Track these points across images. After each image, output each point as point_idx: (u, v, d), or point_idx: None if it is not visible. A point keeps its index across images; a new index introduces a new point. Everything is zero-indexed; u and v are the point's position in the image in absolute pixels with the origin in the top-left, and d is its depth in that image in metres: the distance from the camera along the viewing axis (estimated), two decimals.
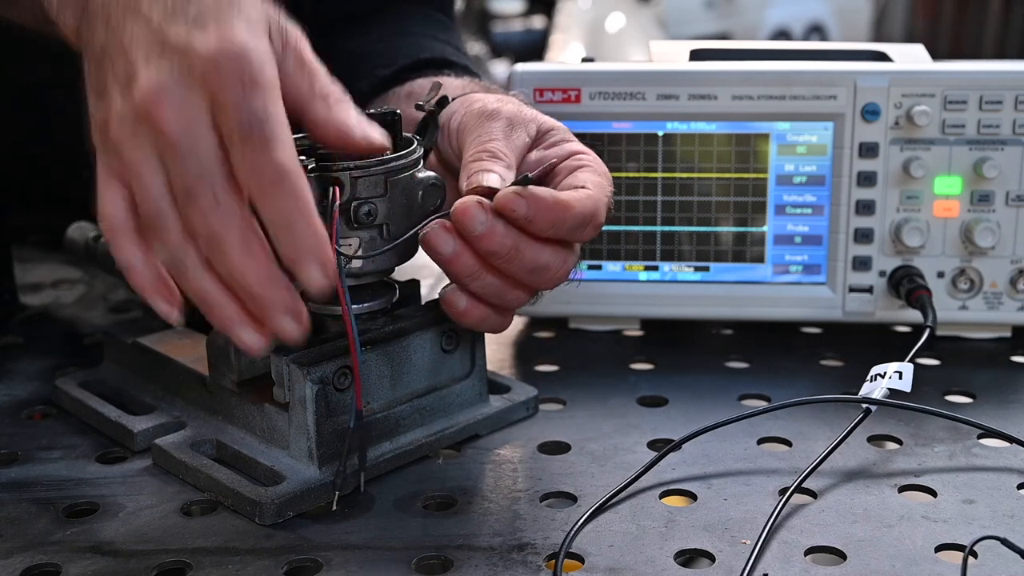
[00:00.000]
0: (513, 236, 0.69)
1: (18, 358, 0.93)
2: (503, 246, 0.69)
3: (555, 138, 0.78)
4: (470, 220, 0.68)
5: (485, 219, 0.68)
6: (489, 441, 0.79)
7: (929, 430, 0.79)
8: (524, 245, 0.70)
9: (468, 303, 0.73)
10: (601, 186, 0.74)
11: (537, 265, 0.71)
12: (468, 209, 0.68)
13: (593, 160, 0.76)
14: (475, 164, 0.72)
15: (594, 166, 0.76)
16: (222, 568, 0.64)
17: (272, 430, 0.74)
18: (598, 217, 0.72)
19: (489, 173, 0.71)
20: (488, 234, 0.69)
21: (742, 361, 0.92)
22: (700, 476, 0.74)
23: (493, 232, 0.69)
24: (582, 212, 0.70)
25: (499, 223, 0.69)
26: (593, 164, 0.76)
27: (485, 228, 0.68)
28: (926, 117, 0.89)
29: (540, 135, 0.78)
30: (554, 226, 0.70)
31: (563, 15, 3.90)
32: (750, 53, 0.97)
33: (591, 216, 0.71)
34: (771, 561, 0.64)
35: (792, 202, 0.93)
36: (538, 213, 0.69)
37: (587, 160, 0.76)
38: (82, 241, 0.97)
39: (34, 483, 0.74)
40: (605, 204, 0.73)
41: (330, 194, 0.69)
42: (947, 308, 0.92)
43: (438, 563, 0.65)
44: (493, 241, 0.69)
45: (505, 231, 0.69)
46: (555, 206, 0.69)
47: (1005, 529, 0.67)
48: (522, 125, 0.76)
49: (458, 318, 0.74)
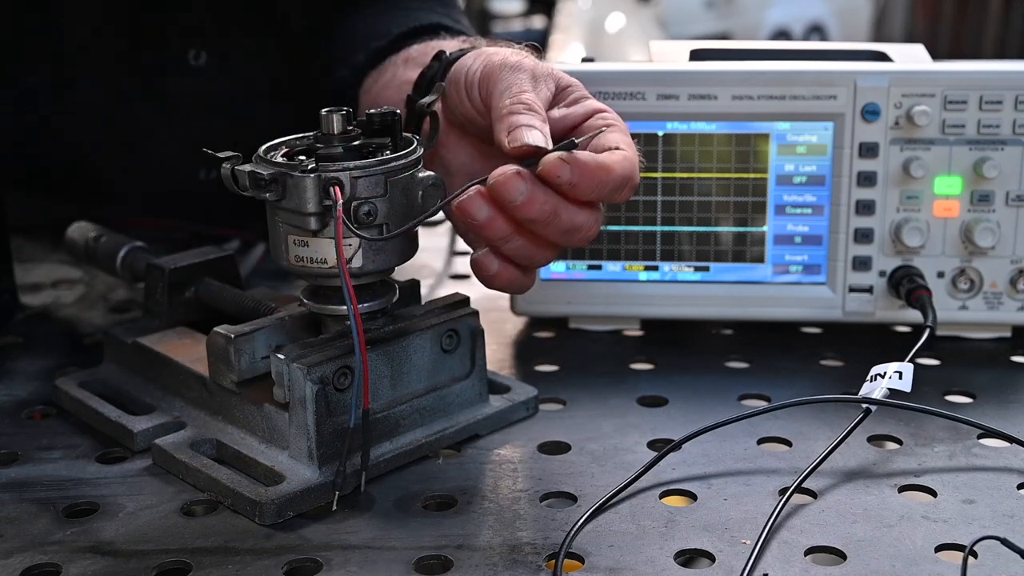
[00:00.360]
0: (552, 202, 0.70)
1: (18, 358, 0.93)
2: (542, 212, 0.70)
3: (575, 95, 0.78)
4: (510, 191, 0.69)
5: (525, 188, 0.69)
6: (489, 441, 0.79)
7: (929, 430, 0.79)
8: (561, 209, 0.70)
9: (499, 266, 0.73)
10: (632, 146, 0.74)
11: (572, 226, 0.71)
12: (508, 180, 0.69)
13: (616, 119, 0.77)
14: (514, 117, 0.72)
15: (619, 125, 0.76)
16: (222, 568, 0.64)
17: (272, 430, 0.74)
18: (634, 178, 0.72)
19: (531, 130, 0.70)
20: (528, 203, 0.69)
21: (742, 361, 0.92)
22: (700, 476, 0.74)
23: (533, 200, 0.69)
24: (622, 174, 0.71)
25: (539, 190, 0.69)
26: (617, 123, 0.76)
27: (525, 197, 0.69)
28: (926, 117, 0.89)
29: (560, 90, 0.78)
30: (596, 189, 0.70)
31: (563, 15, 3.90)
32: (750, 53, 0.97)
33: (629, 177, 0.72)
34: (771, 561, 0.64)
35: (792, 202, 0.93)
36: (582, 178, 0.69)
37: (611, 119, 0.76)
38: (82, 241, 0.97)
39: (34, 483, 0.74)
40: (638, 164, 0.74)
41: (331, 194, 0.69)
42: (947, 308, 0.92)
43: (438, 563, 0.65)
44: (532, 208, 0.69)
45: (544, 197, 0.69)
46: (598, 170, 0.70)
47: (1005, 529, 0.67)
48: (544, 79, 0.76)
49: (488, 281, 0.74)
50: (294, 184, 0.70)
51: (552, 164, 0.69)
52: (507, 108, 0.72)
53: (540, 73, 0.76)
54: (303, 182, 0.69)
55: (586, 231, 0.72)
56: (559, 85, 0.78)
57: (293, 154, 0.73)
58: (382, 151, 0.73)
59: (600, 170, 0.70)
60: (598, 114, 0.76)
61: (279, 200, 0.71)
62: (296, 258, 0.73)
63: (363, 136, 0.74)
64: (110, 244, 0.95)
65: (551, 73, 0.78)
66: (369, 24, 1.07)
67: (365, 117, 0.74)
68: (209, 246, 0.92)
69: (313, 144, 0.74)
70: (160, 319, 0.86)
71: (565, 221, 0.71)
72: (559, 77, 0.78)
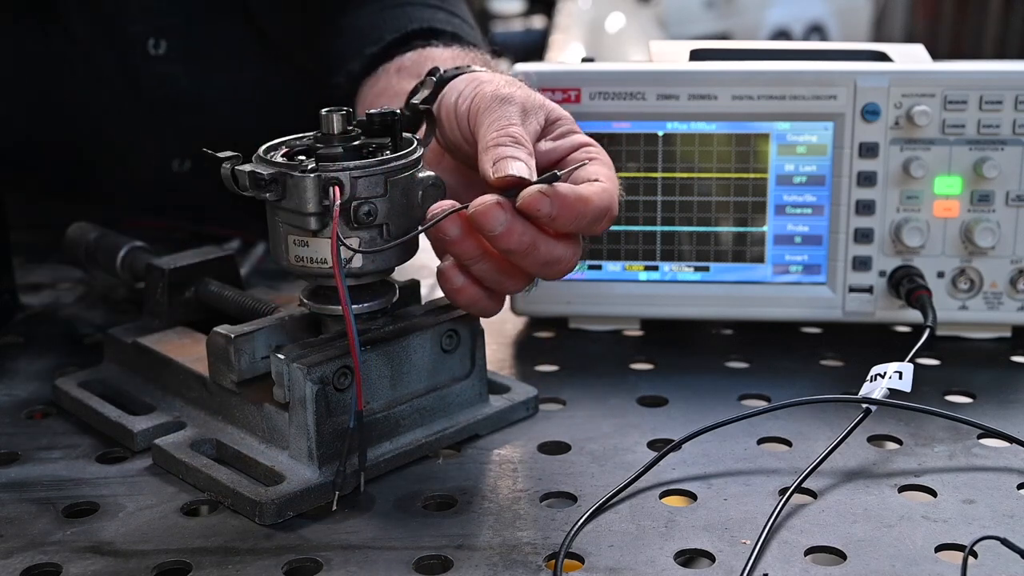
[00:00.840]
0: (531, 234, 0.69)
1: (18, 358, 0.93)
2: (520, 244, 0.69)
3: (563, 128, 0.78)
4: (490, 221, 0.68)
5: (504, 219, 0.68)
6: (489, 441, 0.79)
7: (929, 430, 0.79)
8: (540, 242, 0.70)
9: (464, 282, 0.73)
10: (612, 179, 0.74)
11: (551, 259, 0.71)
12: (488, 211, 0.68)
13: (600, 152, 0.77)
14: (499, 149, 0.71)
15: (602, 158, 0.76)
16: (222, 568, 0.64)
17: (272, 430, 0.74)
18: (613, 210, 0.72)
19: (516, 161, 0.70)
20: (506, 233, 0.69)
21: (742, 361, 0.92)
22: (700, 476, 0.74)
23: (512, 231, 0.69)
24: (600, 206, 0.71)
25: (518, 221, 0.69)
26: (601, 156, 0.76)
27: (504, 228, 0.68)
28: (926, 117, 0.89)
29: (549, 123, 0.78)
30: (575, 221, 0.70)
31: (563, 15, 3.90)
32: (750, 53, 0.97)
33: (607, 209, 0.72)
34: (771, 561, 0.64)
35: (792, 202, 0.93)
36: (562, 211, 0.69)
37: (595, 152, 0.76)
38: (82, 241, 0.97)
39: (34, 483, 0.74)
40: (617, 196, 0.74)
41: (330, 194, 0.69)
42: (947, 308, 0.92)
43: (438, 563, 0.65)
44: (511, 240, 0.69)
45: (523, 229, 0.69)
46: (577, 202, 0.69)
47: (1005, 529, 0.67)
48: (534, 111, 0.76)
49: (451, 295, 0.74)
50: (294, 184, 0.70)
51: (532, 196, 0.68)
52: (494, 140, 0.72)
53: (530, 106, 0.76)
54: (303, 182, 0.69)
55: (564, 264, 0.72)
56: (548, 118, 0.77)
57: (293, 154, 0.73)
58: (382, 151, 0.73)
59: (579, 202, 0.70)
60: (584, 147, 0.77)
61: (279, 200, 0.71)
62: (296, 258, 0.73)
63: (363, 136, 0.74)
64: (110, 244, 0.95)
65: (542, 105, 0.77)
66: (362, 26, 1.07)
67: (365, 117, 0.74)
68: (209, 246, 0.92)
69: (313, 144, 0.74)
70: (160, 319, 0.86)
71: (543, 253, 0.70)
72: (549, 110, 0.78)
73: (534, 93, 0.79)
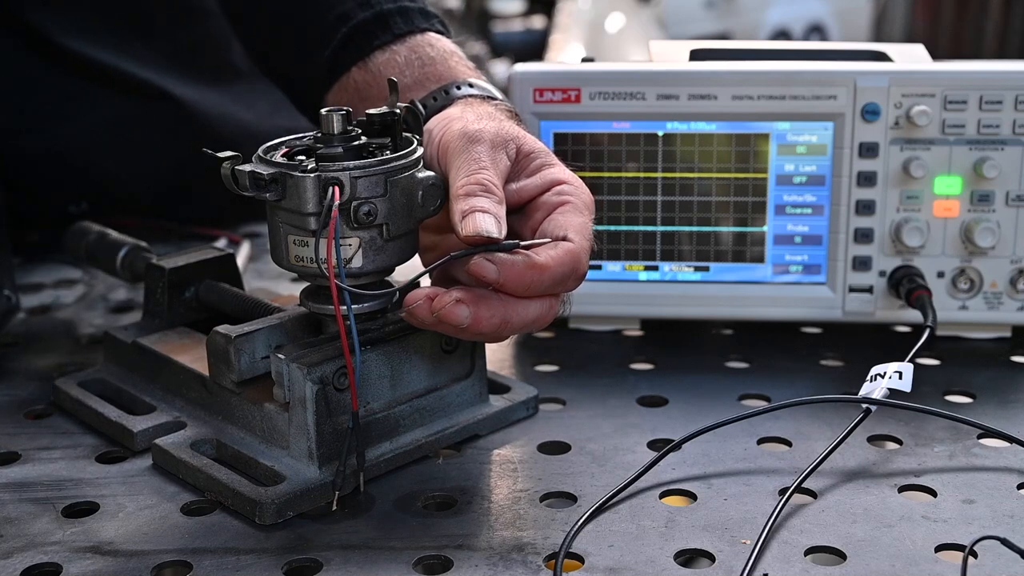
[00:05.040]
0: (500, 313, 0.69)
1: (18, 358, 0.93)
2: (491, 326, 0.69)
3: (536, 162, 0.75)
4: (455, 318, 0.68)
5: (468, 313, 0.68)
6: (489, 441, 0.79)
7: (929, 430, 0.79)
8: (511, 314, 0.69)
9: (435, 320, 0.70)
10: (583, 229, 0.72)
11: (525, 324, 0.70)
12: (450, 312, 0.68)
13: (575, 191, 0.74)
14: (467, 201, 0.69)
15: (575, 200, 0.73)
16: (222, 568, 0.64)
17: (272, 430, 0.74)
18: (579, 269, 0.70)
19: (484, 215, 0.68)
20: (474, 323, 0.68)
21: (742, 361, 0.92)
22: (700, 476, 0.74)
23: (479, 320, 0.68)
24: (559, 272, 0.69)
25: (483, 307, 0.68)
26: (575, 197, 0.74)
27: (470, 320, 0.68)
28: (926, 117, 0.89)
29: (522, 156, 0.75)
30: (529, 289, 0.69)
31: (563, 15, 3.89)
32: (750, 53, 0.97)
33: (570, 273, 0.70)
34: (771, 561, 0.64)
35: (792, 202, 0.93)
36: (510, 280, 0.68)
37: (569, 192, 0.74)
38: (82, 241, 0.97)
39: (34, 483, 0.74)
40: (588, 250, 0.72)
41: (330, 194, 0.69)
42: (947, 308, 0.92)
43: (438, 563, 0.65)
44: (480, 326, 0.68)
45: (490, 312, 0.68)
46: (527, 271, 0.68)
47: (1005, 529, 0.67)
48: (503, 146, 0.74)
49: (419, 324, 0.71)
50: (294, 184, 0.70)
51: (476, 265, 0.68)
52: (463, 188, 0.70)
53: (499, 141, 0.73)
54: (303, 182, 0.69)
55: (541, 321, 0.71)
56: (521, 151, 0.75)
57: (293, 154, 0.73)
58: (382, 151, 0.73)
59: (530, 271, 0.68)
60: (556, 187, 0.74)
61: (279, 200, 0.71)
62: (296, 258, 0.73)
63: (363, 136, 0.73)
64: (110, 244, 0.95)
65: (514, 138, 0.75)
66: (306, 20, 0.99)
67: (365, 117, 0.74)
68: (209, 246, 0.92)
69: (313, 144, 0.74)
70: (160, 319, 0.86)
71: (517, 323, 0.70)
72: (521, 143, 0.75)
73: (505, 123, 0.76)
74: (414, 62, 0.88)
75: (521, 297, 0.69)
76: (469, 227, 0.68)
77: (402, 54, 0.89)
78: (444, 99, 0.84)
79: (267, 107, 0.78)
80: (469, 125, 0.74)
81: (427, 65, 0.88)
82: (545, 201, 0.74)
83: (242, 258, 1.11)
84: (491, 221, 0.68)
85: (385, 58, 0.89)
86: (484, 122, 0.75)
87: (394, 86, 0.75)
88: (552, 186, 0.74)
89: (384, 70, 0.88)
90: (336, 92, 0.92)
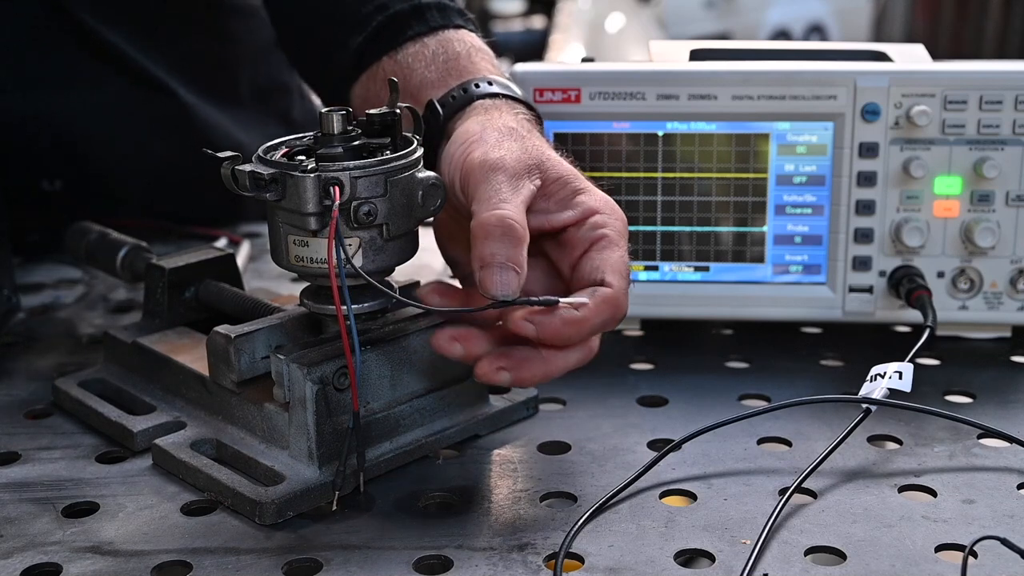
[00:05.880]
0: (540, 371, 0.70)
1: (18, 358, 0.93)
2: (533, 380, 0.71)
3: (566, 188, 0.74)
4: (498, 382, 0.70)
5: (509, 377, 0.70)
6: (489, 441, 0.79)
7: (929, 430, 0.79)
8: (552, 369, 0.71)
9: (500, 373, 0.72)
10: (621, 267, 0.71)
11: (567, 369, 0.71)
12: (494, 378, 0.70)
13: (610, 220, 0.73)
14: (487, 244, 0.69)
15: (611, 233, 0.72)
16: (222, 568, 0.64)
17: (272, 430, 0.74)
18: (618, 313, 0.71)
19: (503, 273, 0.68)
20: (517, 381, 0.70)
21: (742, 361, 0.92)
22: (700, 476, 0.74)
23: (520, 379, 0.70)
24: (599, 321, 0.70)
25: (524, 371, 0.70)
26: (610, 229, 0.73)
27: (511, 380, 0.70)
28: (926, 117, 0.89)
29: (549, 183, 0.73)
30: (567, 341, 0.70)
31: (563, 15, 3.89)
32: (750, 53, 0.97)
33: (610, 319, 0.70)
34: (771, 561, 0.64)
35: (792, 202, 0.93)
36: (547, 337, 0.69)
37: (603, 224, 0.73)
38: (82, 241, 0.97)
39: (34, 483, 0.74)
40: (626, 289, 0.71)
41: (330, 194, 0.69)
42: (947, 308, 0.92)
43: (438, 563, 0.65)
44: (524, 382, 0.71)
45: (531, 374, 0.70)
46: (565, 327, 0.69)
47: (1005, 529, 0.67)
48: (526, 173, 0.72)
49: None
50: (294, 184, 0.70)
51: (516, 324, 0.69)
52: (482, 227, 0.69)
53: (522, 168, 0.72)
54: (303, 182, 0.69)
55: (581, 363, 0.72)
56: (548, 177, 0.73)
57: (293, 154, 0.73)
58: (382, 151, 0.73)
59: (568, 327, 0.69)
60: (591, 218, 0.73)
61: (279, 200, 0.71)
62: (296, 258, 0.73)
63: (363, 136, 0.73)
64: (110, 244, 0.95)
65: (539, 163, 0.73)
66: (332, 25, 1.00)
67: (365, 117, 0.74)
68: (209, 246, 0.92)
69: (313, 144, 0.74)
70: (160, 319, 0.86)
71: (557, 373, 0.71)
72: (547, 169, 0.73)
73: (528, 142, 0.75)
74: (439, 56, 0.88)
75: (561, 348, 0.70)
76: (485, 288, 0.68)
77: (431, 47, 0.89)
78: (463, 98, 0.83)
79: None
80: (490, 153, 0.73)
81: (451, 60, 0.87)
82: (581, 237, 0.73)
83: (242, 258, 1.11)
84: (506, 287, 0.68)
85: (415, 49, 0.89)
86: (506, 144, 0.74)
87: (394, 86, 0.75)
88: (586, 217, 0.73)
89: (413, 61, 0.88)
90: (364, 82, 0.93)
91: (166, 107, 1.20)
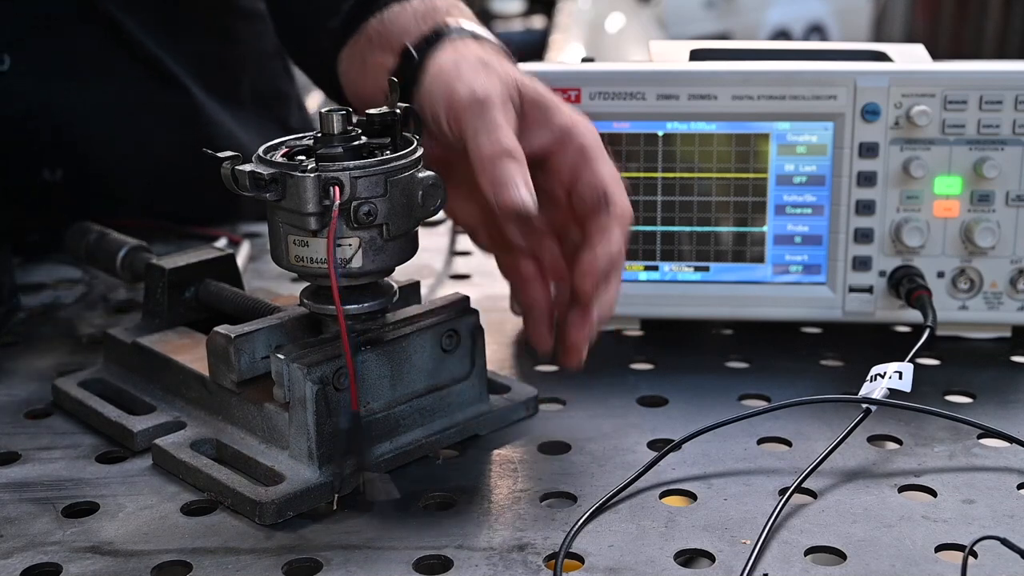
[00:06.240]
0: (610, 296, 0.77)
1: (18, 358, 0.93)
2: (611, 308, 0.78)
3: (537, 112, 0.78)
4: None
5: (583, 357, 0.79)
6: (489, 441, 0.79)
7: (929, 430, 0.79)
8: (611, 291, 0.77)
9: None
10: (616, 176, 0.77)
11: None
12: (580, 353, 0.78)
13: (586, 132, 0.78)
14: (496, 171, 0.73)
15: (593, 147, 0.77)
16: (222, 568, 0.65)
17: (272, 430, 0.74)
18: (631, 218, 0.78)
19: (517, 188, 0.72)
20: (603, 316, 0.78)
21: (742, 361, 0.92)
22: (700, 476, 0.74)
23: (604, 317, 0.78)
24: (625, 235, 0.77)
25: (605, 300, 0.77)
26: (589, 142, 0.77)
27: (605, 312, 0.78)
28: (926, 117, 0.89)
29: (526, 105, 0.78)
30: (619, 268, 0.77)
31: (563, 15, 3.89)
32: (750, 53, 0.97)
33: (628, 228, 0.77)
34: (771, 561, 0.64)
35: (792, 202, 0.93)
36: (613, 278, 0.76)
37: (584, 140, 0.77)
38: (82, 241, 0.97)
39: (34, 483, 0.74)
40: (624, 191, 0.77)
41: (330, 194, 0.69)
42: (947, 308, 0.92)
43: (438, 563, 0.65)
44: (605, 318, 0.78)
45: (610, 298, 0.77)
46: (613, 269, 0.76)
47: (1005, 529, 0.67)
48: (509, 101, 0.77)
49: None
50: (294, 184, 0.70)
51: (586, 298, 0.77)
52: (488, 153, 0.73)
53: (506, 97, 0.76)
54: (303, 182, 0.69)
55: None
56: (524, 98, 0.78)
57: (293, 154, 0.73)
58: (382, 151, 0.73)
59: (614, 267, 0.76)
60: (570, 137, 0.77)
61: (279, 200, 0.71)
62: (296, 258, 0.73)
63: (363, 136, 0.73)
64: (110, 244, 0.94)
65: (514, 83, 0.78)
66: None
67: (365, 117, 0.74)
68: (209, 246, 0.92)
69: (313, 144, 0.74)
70: (160, 319, 0.86)
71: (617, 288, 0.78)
72: (522, 88, 0.78)
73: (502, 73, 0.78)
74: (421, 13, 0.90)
75: None
76: (502, 199, 0.72)
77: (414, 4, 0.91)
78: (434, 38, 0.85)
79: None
80: (477, 87, 0.76)
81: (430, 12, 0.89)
82: (569, 160, 0.78)
83: (242, 258, 1.11)
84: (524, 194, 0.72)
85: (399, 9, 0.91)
86: (483, 74, 0.77)
87: (394, 86, 0.75)
88: (564, 136, 0.78)
89: (398, 19, 0.90)
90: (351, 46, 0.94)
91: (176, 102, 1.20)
